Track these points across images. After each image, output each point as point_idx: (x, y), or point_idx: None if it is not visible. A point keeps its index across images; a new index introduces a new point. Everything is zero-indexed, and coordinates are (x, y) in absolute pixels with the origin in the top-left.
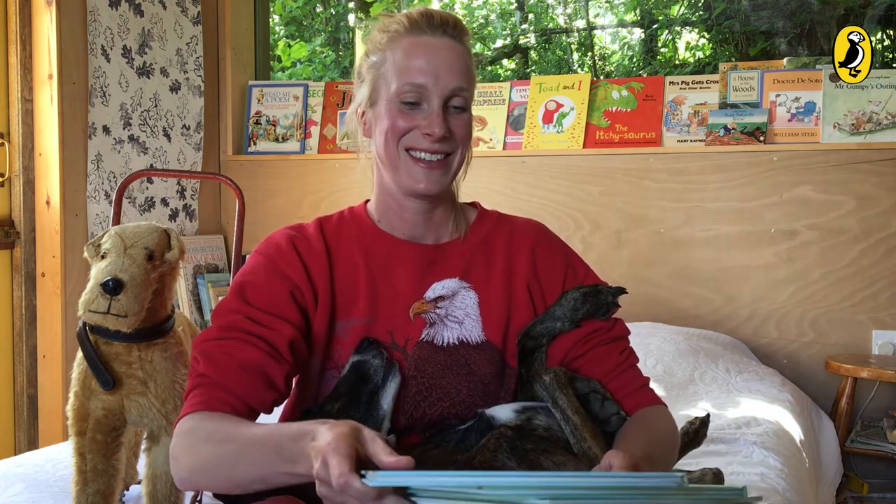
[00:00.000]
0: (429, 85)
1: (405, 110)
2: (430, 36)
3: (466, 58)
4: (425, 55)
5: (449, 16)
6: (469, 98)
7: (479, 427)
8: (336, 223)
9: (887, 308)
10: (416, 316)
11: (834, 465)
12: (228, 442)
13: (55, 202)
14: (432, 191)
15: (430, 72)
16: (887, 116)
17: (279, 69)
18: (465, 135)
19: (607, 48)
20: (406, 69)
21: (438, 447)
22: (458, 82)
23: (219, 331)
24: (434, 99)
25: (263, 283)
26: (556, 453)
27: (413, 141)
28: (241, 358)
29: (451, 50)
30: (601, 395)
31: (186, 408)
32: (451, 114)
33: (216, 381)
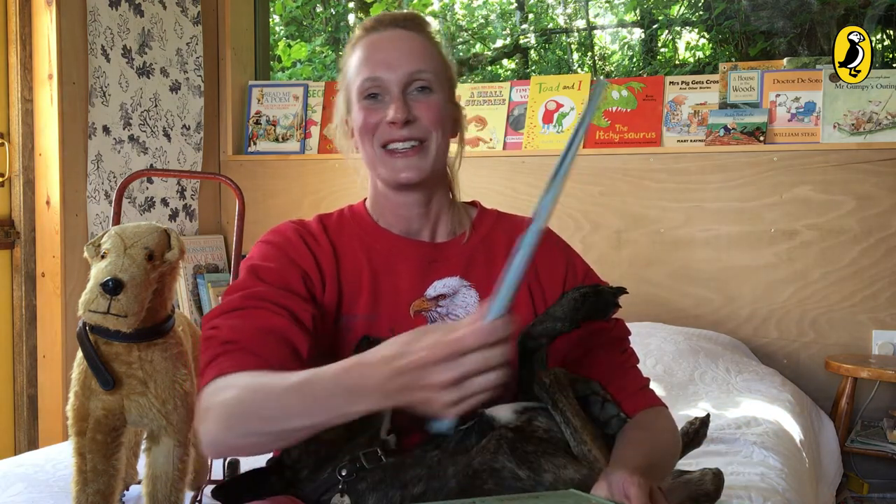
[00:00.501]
0: (385, 75)
1: (369, 105)
2: (383, 31)
3: (425, 43)
4: (379, 49)
5: (403, 12)
6: (434, 80)
7: (479, 428)
8: (337, 220)
9: (887, 308)
10: (417, 314)
11: (834, 465)
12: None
13: (55, 202)
14: (413, 178)
15: (385, 62)
16: (887, 116)
17: (279, 69)
18: (435, 117)
19: (607, 48)
20: (363, 66)
21: (438, 447)
22: (415, 66)
23: (241, 300)
24: (392, 87)
25: (275, 266)
26: (556, 455)
27: (384, 134)
28: (267, 324)
29: (405, 38)
30: (601, 397)
31: (212, 373)
32: (414, 98)
33: (244, 346)
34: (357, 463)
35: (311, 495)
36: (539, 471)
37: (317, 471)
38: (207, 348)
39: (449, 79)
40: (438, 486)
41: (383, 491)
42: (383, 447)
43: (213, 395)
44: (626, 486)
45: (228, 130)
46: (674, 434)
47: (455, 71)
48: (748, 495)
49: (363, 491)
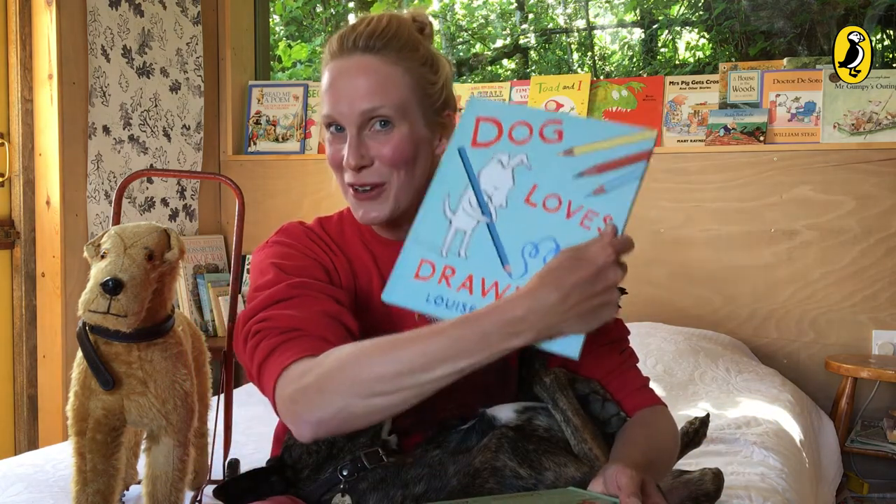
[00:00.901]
0: (340, 115)
1: (334, 140)
2: (344, 58)
3: (383, 70)
4: (337, 82)
5: (369, 26)
6: (396, 113)
7: (480, 427)
8: (337, 224)
9: (887, 308)
10: (422, 317)
11: (834, 465)
12: (402, 340)
13: (55, 202)
14: (375, 221)
15: (340, 99)
16: (887, 116)
17: (279, 69)
18: (394, 158)
19: (607, 48)
20: (324, 100)
21: (440, 447)
22: (368, 103)
23: (288, 289)
24: (349, 126)
25: (299, 263)
26: (557, 454)
27: (347, 174)
28: (324, 309)
29: (360, 69)
30: (601, 396)
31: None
32: (373, 137)
33: (310, 332)
34: (358, 463)
35: (313, 495)
36: (540, 469)
37: (318, 470)
38: (263, 339)
39: (426, 96)
40: (440, 485)
41: (384, 490)
42: (384, 447)
43: (308, 375)
44: (618, 476)
45: (228, 130)
46: (673, 433)
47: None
48: (748, 495)
49: (364, 490)
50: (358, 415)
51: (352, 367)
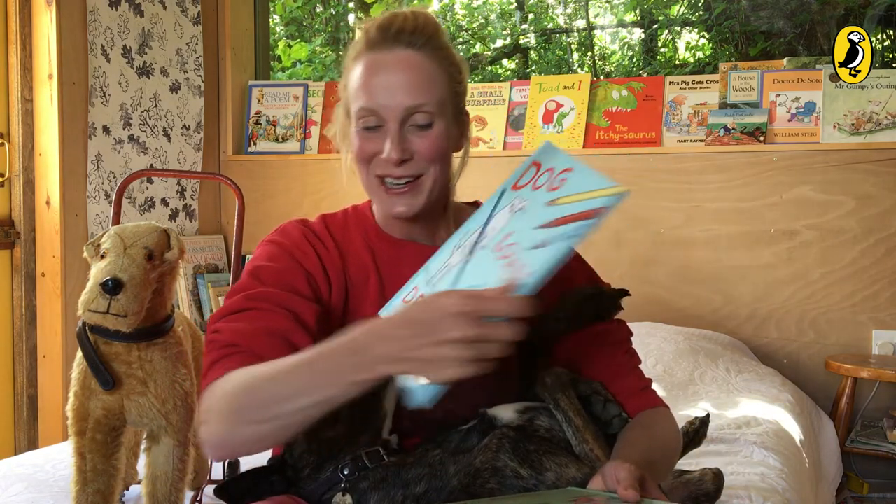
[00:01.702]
0: (382, 108)
1: (367, 135)
2: (386, 51)
3: (427, 66)
4: (378, 75)
5: (408, 21)
6: (436, 110)
7: (481, 427)
8: (341, 221)
9: (887, 308)
10: None
11: (834, 465)
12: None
13: (55, 202)
14: (407, 214)
15: (383, 93)
16: (887, 116)
17: (279, 69)
18: (433, 153)
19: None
20: (362, 92)
21: (441, 447)
22: (415, 100)
23: (243, 301)
24: (390, 122)
25: (280, 267)
26: (558, 454)
27: (379, 167)
28: (269, 325)
29: (407, 65)
30: (603, 397)
31: (213, 376)
32: (412, 133)
33: (246, 348)
34: (359, 462)
35: (313, 494)
36: (541, 470)
37: (319, 470)
38: (209, 352)
39: (456, 95)
40: (440, 485)
41: (385, 490)
42: (385, 446)
43: (213, 396)
44: (617, 471)
45: (228, 130)
46: (674, 434)
47: (465, 72)
48: (748, 495)
49: (365, 490)
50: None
51: (235, 394)
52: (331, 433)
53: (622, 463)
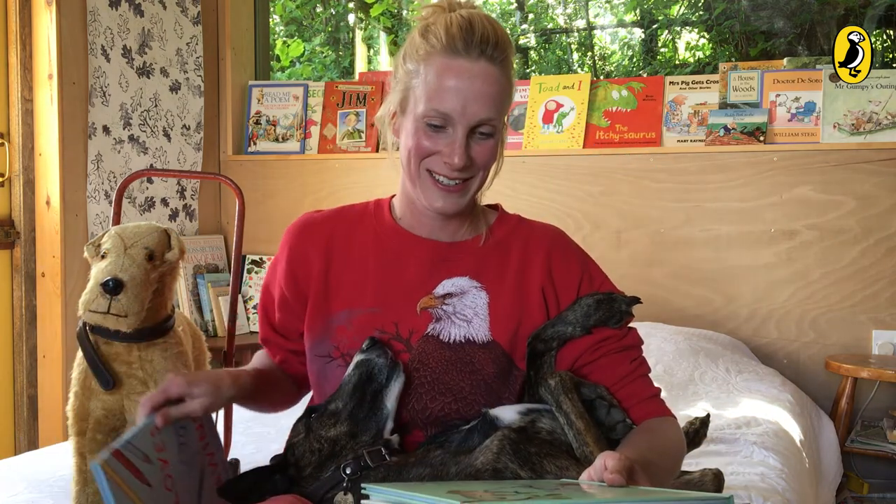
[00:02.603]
0: (454, 114)
1: (430, 133)
2: (465, 59)
3: (502, 82)
4: (456, 81)
5: (491, 32)
6: (498, 125)
7: (482, 428)
8: (358, 213)
9: (887, 308)
10: (423, 310)
11: (834, 465)
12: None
13: (55, 202)
14: (449, 211)
15: (458, 100)
16: (887, 116)
17: (278, 69)
18: (487, 161)
19: (607, 48)
20: (435, 93)
21: (441, 447)
22: (486, 113)
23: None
24: (459, 128)
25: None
26: (558, 457)
27: (434, 164)
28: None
29: (485, 77)
30: (607, 402)
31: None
32: (475, 141)
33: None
34: (361, 461)
35: (316, 493)
36: (541, 472)
37: (321, 469)
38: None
39: (508, 107)
40: None
41: None
42: (387, 446)
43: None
44: (606, 459)
45: (228, 130)
46: (678, 442)
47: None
48: (748, 495)
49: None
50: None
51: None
52: (333, 432)
53: (613, 452)
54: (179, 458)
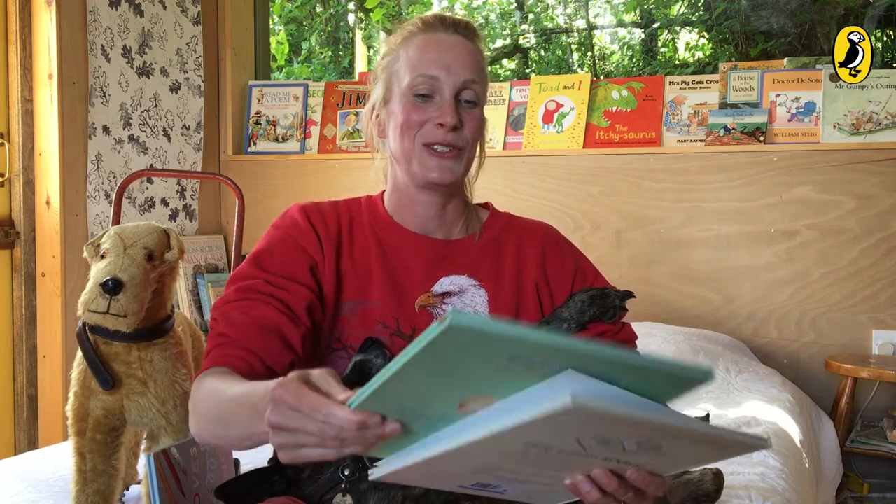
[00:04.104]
0: (441, 76)
1: (418, 103)
2: (444, 33)
3: (478, 56)
4: (438, 49)
5: (462, 19)
6: (481, 94)
7: None
8: (354, 207)
9: (887, 308)
10: (422, 308)
11: (834, 465)
12: (221, 399)
13: (55, 202)
14: (445, 180)
15: (442, 64)
16: (887, 116)
17: (276, 68)
18: (476, 130)
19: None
20: (419, 62)
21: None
22: (470, 75)
23: (237, 293)
24: (446, 90)
25: (280, 252)
26: None
27: (427, 134)
28: (259, 317)
29: (463, 46)
30: None
31: (204, 366)
32: (462, 107)
33: (234, 339)
34: (360, 462)
35: (314, 495)
36: None
37: (319, 470)
38: (208, 339)
39: (486, 86)
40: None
41: (385, 490)
42: None
43: (196, 393)
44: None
45: (228, 130)
46: None
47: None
48: (748, 495)
49: (365, 490)
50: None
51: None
52: None
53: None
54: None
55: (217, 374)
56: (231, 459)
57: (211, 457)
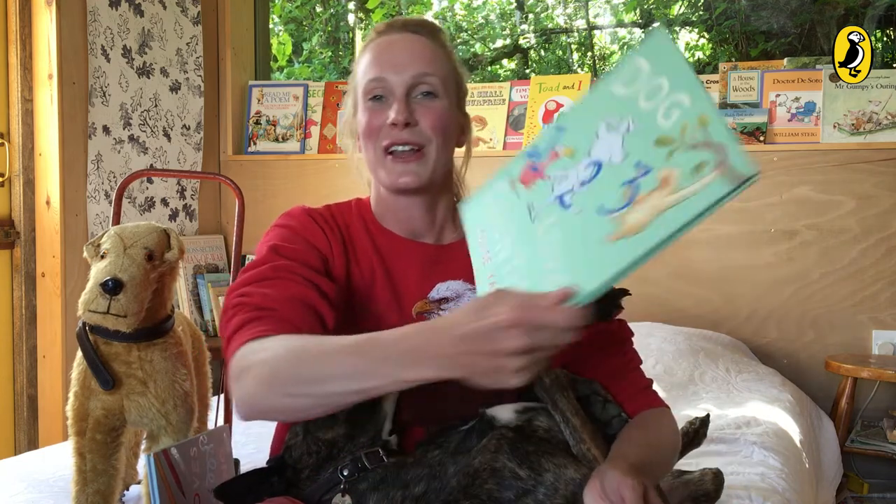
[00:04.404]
0: (389, 76)
1: (374, 108)
2: (394, 35)
3: (434, 49)
4: (386, 51)
5: (415, 18)
6: (440, 85)
7: (480, 428)
8: (345, 210)
9: (887, 308)
10: (419, 315)
11: (834, 465)
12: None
13: (55, 202)
14: (411, 184)
15: (391, 63)
16: (887, 116)
17: (276, 69)
18: (436, 123)
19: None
20: (370, 67)
21: (440, 448)
22: (420, 68)
23: (271, 270)
24: (397, 89)
25: (297, 247)
26: (556, 455)
27: (385, 136)
28: (298, 293)
29: (414, 42)
30: (602, 398)
31: (246, 335)
32: (417, 102)
33: (278, 313)
34: (359, 463)
35: (313, 495)
36: (540, 470)
37: (318, 470)
38: (237, 313)
39: (457, 86)
40: (439, 486)
41: (384, 491)
42: (385, 447)
43: (252, 355)
44: (621, 489)
45: (228, 130)
46: (673, 435)
47: (466, 80)
48: (748, 495)
49: (364, 491)
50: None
51: (276, 362)
52: (330, 434)
53: (624, 478)
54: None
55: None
56: (231, 459)
57: (211, 457)
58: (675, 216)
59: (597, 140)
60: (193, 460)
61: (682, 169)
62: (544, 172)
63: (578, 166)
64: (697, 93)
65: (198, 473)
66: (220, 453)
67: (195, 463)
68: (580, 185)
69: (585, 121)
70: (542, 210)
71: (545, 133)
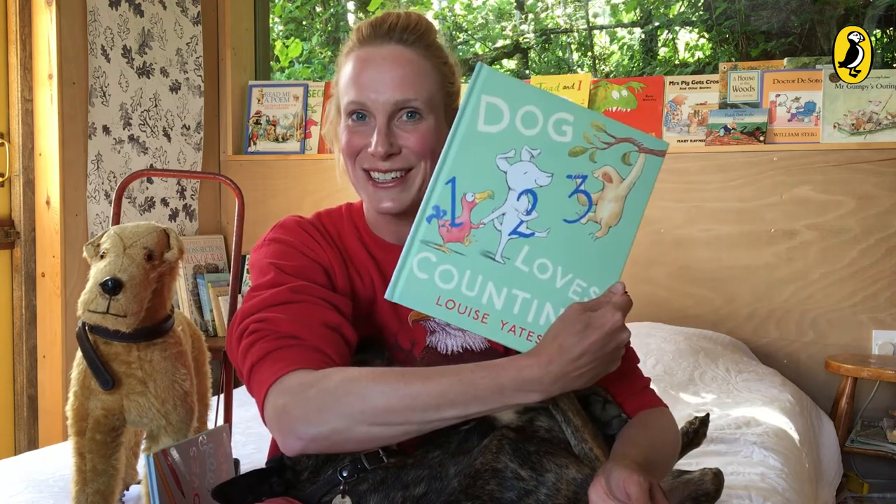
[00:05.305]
0: (370, 102)
1: (356, 127)
2: (378, 46)
3: (420, 63)
4: (369, 69)
5: (400, 19)
6: (424, 106)
7: (481, 428)
8: (336, 219)
9: (887, 308)
10: (416, 323)
11: (834, 465)
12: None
13: (55, 202)
14: (395, 209)
15: (372, 87)
16: (887, 116)
17: (278, 69)
18: (421, 147)
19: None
20: (351, 85)
21: (440, 448)
22: (403, 94)
23: (289, 293)
24: (377, 115)
25: (298, 265)
26: (558, 455)
27: (366, 161)
28: (324, 319)
29: (395, 59)
30: (602, 398)
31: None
32: (401, 127)
33: (307, 342)
34: (358, 464)
35: (313, 496)
36: (541, 470)
37: (318, 472)
38: (259, 340)
39: (448, 94)
40: (440, 486)
41: (384, 492)
42: (385, 448)
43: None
44: (627, 485)
45: (228, 130)
46: (673, 433)
47: (458, 75)
48: (748, 495)
49: (364, 492)
50: (354, 440)
51: (360, 393)
52: None
53: (630, 474)
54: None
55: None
56: (231, 459)
57: (210, 457)
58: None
59: (507, 174)
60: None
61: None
62: (471, 222)
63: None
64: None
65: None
66: (220, 453)
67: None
68: (526, 214)
69: (474, 164)
70: (505, 248)
71: (436, 193)
